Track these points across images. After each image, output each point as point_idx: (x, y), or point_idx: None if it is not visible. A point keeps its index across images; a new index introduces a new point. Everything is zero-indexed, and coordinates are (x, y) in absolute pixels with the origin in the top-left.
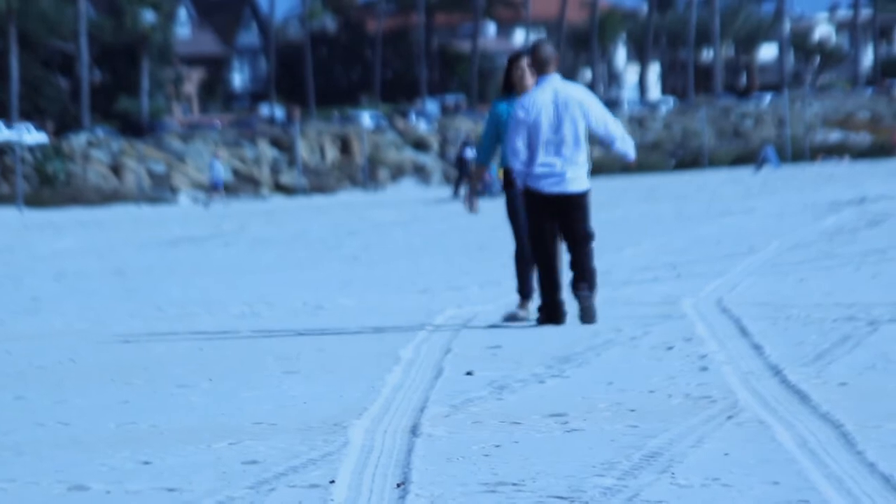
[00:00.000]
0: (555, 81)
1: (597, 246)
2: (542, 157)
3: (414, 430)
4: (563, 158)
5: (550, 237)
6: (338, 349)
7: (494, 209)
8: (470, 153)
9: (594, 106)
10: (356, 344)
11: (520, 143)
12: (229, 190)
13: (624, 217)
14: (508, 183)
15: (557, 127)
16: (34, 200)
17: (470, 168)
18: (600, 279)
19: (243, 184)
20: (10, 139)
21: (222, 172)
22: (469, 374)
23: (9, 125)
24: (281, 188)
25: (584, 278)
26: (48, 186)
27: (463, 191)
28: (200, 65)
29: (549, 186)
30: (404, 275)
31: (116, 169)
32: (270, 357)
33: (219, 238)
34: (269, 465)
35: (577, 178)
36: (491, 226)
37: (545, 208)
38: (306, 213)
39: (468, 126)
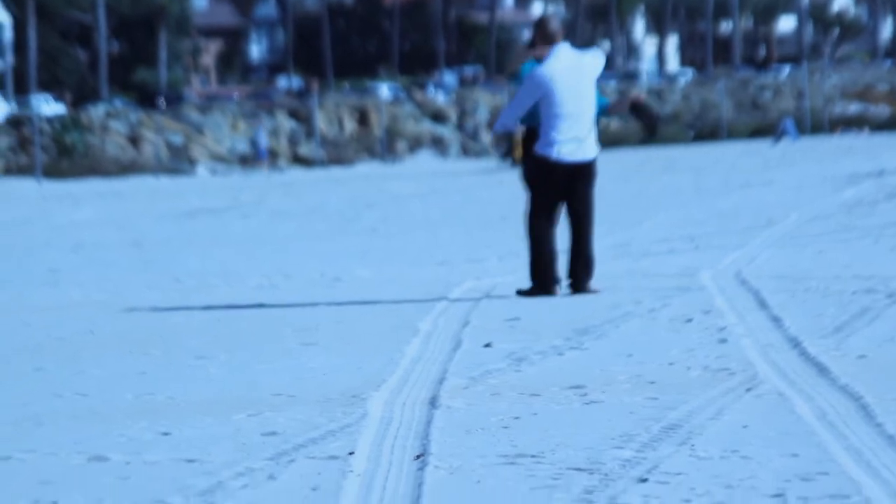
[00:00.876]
0: (567, 50)
1: (615, 218)
2: (559, 125)
3: (433, 402)
4: (581, 126)
5: (556, 210)
6: (356, 321)
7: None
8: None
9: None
10: (374, 316)
11: (524, 110)
12: (246, 162)
13: (642, 189)
14: (528, 150)
15: (573, 95)
16: (52, 171)
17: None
18: (619, 251)
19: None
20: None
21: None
22: (488, 346)
23: (26, 96)
24: (299, 160)
25: (586, 270)
26: (66, 157)
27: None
28: (218, 36)
29: (567, 155)
30: (423, 247)
31: (134, 140)
32: (289, 329)
33: (237, 210)
34: (288, 436)
35: (591, 146)
36: (511, 197)
37: (559, 179)
38: (324, 185)
39: (486, 98)
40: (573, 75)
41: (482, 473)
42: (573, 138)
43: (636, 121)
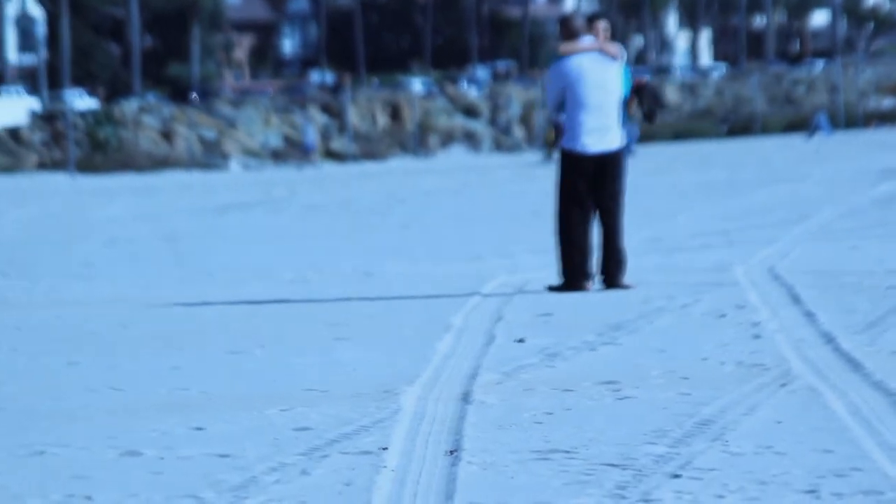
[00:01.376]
0: (590, 44)
1: (648, 213)
2: (582, 117)
3: (465, 398)
4: (605, 118)
5: (586, 204)
6: (388, 316)
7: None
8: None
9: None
10: (407, 311)
11: (553, 103)
12: (279, 157)
13: (675, 184)
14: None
15: (596, 87)
16: (86, 166)
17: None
18: (652, 246)
19: (293, 150)
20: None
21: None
22: (520, 341)
23: (59, 90)
24: (331, 154)
25: (618, 265)
26: (100, 152)
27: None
28: (251, 31)
29: (590, 146)
30: (455, 242)
31: (167, 135)
32: (321, 324)
33: (269, 205)
34: (320, 431)
35: (616, 137)
36: (543, 192)
37: (585, 171)
38: (356, 180)
39: (519, 93)
40: (596, 68)
41: (515, 469)
42: (596, 129)
43: (639, 105)
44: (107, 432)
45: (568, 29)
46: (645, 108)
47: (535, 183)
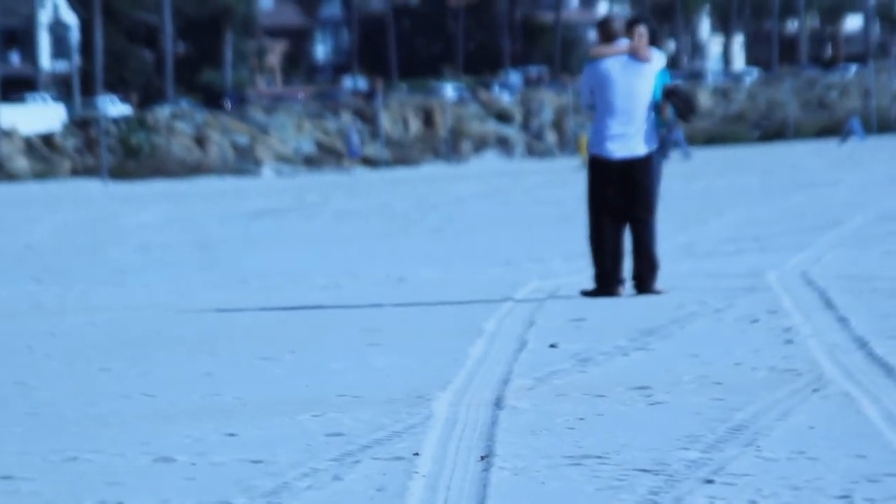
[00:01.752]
0: (625, 48)
1: (681, 218)
2: (609, 122)
3: (498, 403)
4: (632, 123)
5: (616, 209)
6: (421, 321)
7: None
8: None
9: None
10: (439, 316)
11: (586, 101)
12: (311, 163)
13: (708, 188)
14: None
15: (625, 92)
16: (119, 172)
17: None
18: (684, 251)
19: (326, 156)
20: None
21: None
22: (553, 346)
23: (93, 97)
24: (364, 160)
25: (650, 271)
26: (132, 158)
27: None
28: (283, 37)
29: (616, 151)
30: (487, 247)
31: (200, 141)
32: (354, 329)
33: (302, 210)
34: (353, 437)
35: (643, 143)
36: (575, 197)
37: (612, 176)
38: (389, 186)
39: (551, 98)
40: (626, 73)
41: (547, 474)
42: (622, 135)
43: (671, 107)
44: (139, 438)
45: (606, 31)
46: (676, 110)
47: (567, 188)
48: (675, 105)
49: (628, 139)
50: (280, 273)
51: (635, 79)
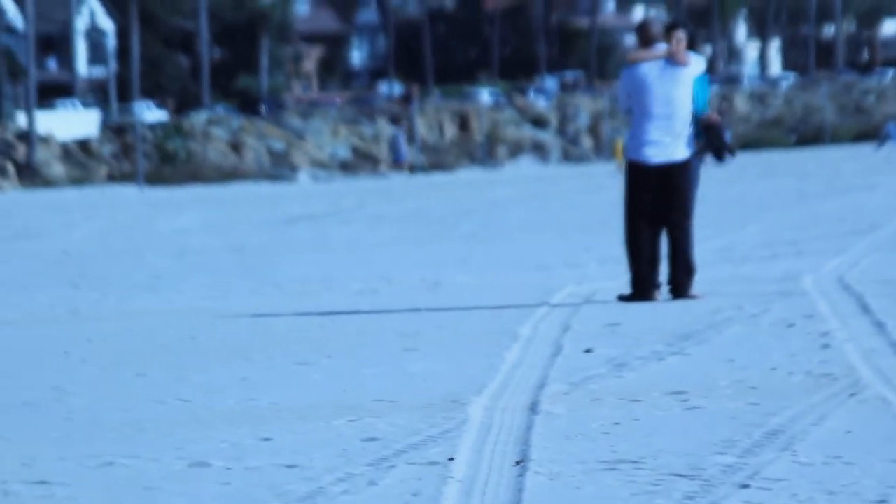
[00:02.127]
0: (663, 52)
1: (717, 222)
2: (647, 127)
3: (533, 408)
4: (670, 128)
5: (653, 214)
6: (456, 326)
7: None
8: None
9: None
10: (475, 321)
11: (624, 105)
12: (347, 168)
13: (744, 193)
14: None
15: (663, 97)
16: (155, 178)
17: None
18: (720, 255)
19: (362, 161)
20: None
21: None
22: (588, 351)
23: (129, 103)
24: (398, 166)
25: (687, 275)
26: (169, 164)
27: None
28: (320, 42)
29: (654, 157)
30: (523, 252)
31: (236, 146)
32: (389, 334)
33: (338, 215)
34: (388, 442)
35: (681, 148)
36: (611, 202)
37: (650, 181)
38: (425, 191)
39: (587, 103)
40: (663, 78)
41: (582, 479)
42: (661, 140)
43: (707, 143)
44: (175, 443)
45: (645, 35)
46: (711, 147)
47: (603, 193)
48: (710, 141)
49: (667, 144)
50: (316, 278)
51: (673, 84)
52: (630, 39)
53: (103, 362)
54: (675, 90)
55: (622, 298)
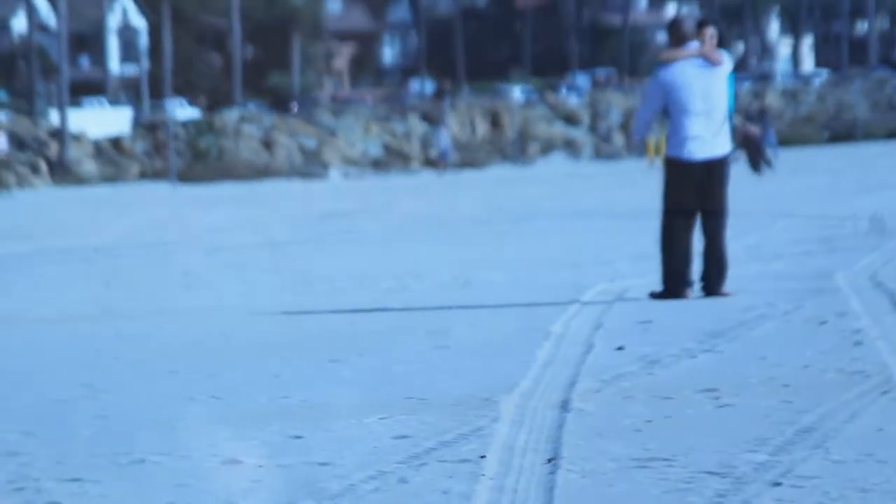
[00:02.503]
0: (697, 50)
1: (749, 219)
2: (687, 124)
3: (565, 405)
4: (710, 124)
5: (691, 211)
6: (487, 324)
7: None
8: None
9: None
10: (506, 319)
11: (650, 113)
12: (379, 165)
13: (776, 190)
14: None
15: (701, 94)
16: (187, 175)
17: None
18: (752, 253)
19: (393, 158)
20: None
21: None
22: (620, 348)
23: (161, 100)
24: (431, 163)
25: (719, 273)
26: (200, 161)
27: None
28: (351, 40)
29: (696, 153)
30: (554, 249)
31: (268, 144)
32: (421, 331)
33: (368, 213)
34: (419, 439)
35: (722, 143)
36: (643, 199)
37: (691, 178)
38: (456, 188)
39: (619, 100)
40: (701, 75)
41: (614, 477)
42: (702, 136)
43: (744, 153)
44: (207, 441)
45: (677, 32)
46: (750, 159)
47: (635, 190)
48: (748, 153)
49: (707, 140)
50: (347, 276)
51: (711, 80)
52: (662, 36)
53: (135, 360)
54: (712, 86)
55: (654, 296)
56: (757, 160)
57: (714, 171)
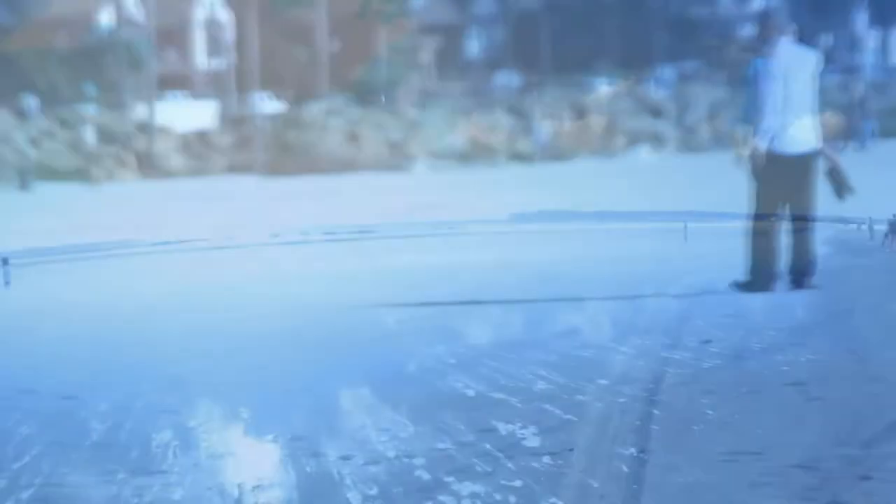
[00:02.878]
0: (789, 44)
1: (837, 211)
2: (778, 117)
3: (651, 399)
4: (801, 118)
5: (780, 202)
6: (571, 317)
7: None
8: None
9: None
10: (589, 312)
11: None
12: (464, 158)
13: (863, 183)
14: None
15: (793, 87)
16: (273, 169)
17: None
18: (840, 247)
19: (479, 152)
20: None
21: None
22: (707, 342)
23: (247, 94)
24: (516, 156)
25: (807, 266)
26: (286, 155)
27: None
28: (437, 33)
29: (786, 146)
30: (640, 242)
31: (353, 137)
32: (506, 325)
33: (454, 206)
34: (506, 434)
35: (812, 138)
36: (728, 191)
37: (779, 171)
38: (542, 182)
39: (705, 93)
40: (794, 68)
41: (700, 471)
42: (792, 129)
43: (829, 183)
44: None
45: (768, 26)
46: (835, 188)
47: (721, 184)
48: (834, 182)
49: (803, 132)
50: (431, 268)
51: (805, 72)
52: (749, 29)
53: (222, 353)
54: (808, 79)
55: (740, 288)
56: (841, 187)
57: (809, 164)
